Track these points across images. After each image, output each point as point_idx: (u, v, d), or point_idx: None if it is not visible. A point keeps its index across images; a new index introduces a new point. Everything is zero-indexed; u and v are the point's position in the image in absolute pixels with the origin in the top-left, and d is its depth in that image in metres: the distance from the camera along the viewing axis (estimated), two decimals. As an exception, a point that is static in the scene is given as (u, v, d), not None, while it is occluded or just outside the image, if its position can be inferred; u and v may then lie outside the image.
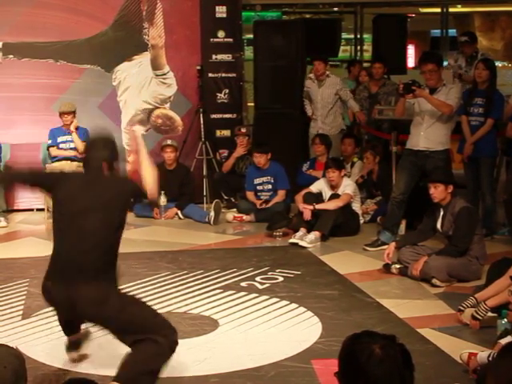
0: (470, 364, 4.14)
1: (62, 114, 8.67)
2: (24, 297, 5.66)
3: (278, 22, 11.74)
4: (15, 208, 8.83)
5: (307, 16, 13.81)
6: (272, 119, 9.56)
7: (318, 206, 7.55)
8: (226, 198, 9.04)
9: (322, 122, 9.13)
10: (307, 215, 7.52)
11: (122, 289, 3.95)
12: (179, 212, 8.57)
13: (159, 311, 5.33)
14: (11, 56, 8.98)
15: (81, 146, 8.34)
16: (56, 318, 4.42)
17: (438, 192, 6.09)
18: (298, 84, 9.40)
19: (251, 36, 10.36)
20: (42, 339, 4.82)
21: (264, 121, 9.65)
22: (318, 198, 7.74)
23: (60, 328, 4.39)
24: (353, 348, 2.25)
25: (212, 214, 8.24)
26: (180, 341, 4.77)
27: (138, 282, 6.03)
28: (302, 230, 7.43)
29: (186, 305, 5.53)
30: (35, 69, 8.99)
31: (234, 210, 8.67)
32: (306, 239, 7.29)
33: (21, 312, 5.35)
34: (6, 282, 6.08)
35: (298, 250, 7.18)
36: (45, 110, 9.03)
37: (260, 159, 8.45)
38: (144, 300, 5.59)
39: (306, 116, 9.42)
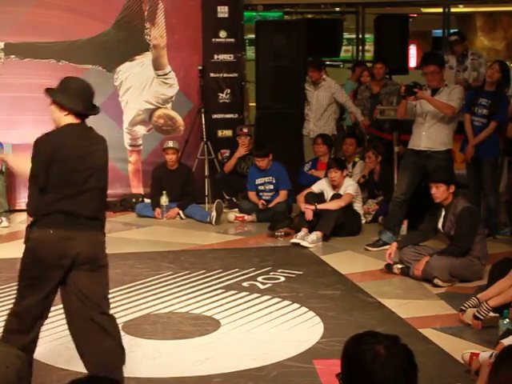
0: (472, 364, 4.15)
1: (63, 114, 8.66)
2: (26, 297, 5.66)
3: (280, 22, 11.76)
4: (17, 208, 8.81)
5: (309, 16, 13.81)
6: (273, 119, 9.56)
7: (320, 206, 7.54)
8: (227, 198, 9.03)
9: (314, 125, 9.12)
10: (309, 215, 7.51)
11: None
12: (181, 212, 8.56)
13: (161, 311, 5.40)
14: (13, 56, 8.98)
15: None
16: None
17: (439, 192, 6.08)
18: (299, 84, 9.39)
19: (253, 36, 10.35)
20: (43, 339, 4.77)
21: (265, 121, 9.65)
22: (319, 198, 7.74)
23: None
24: (357, 349, 2.25)
25: (214, 214, 8.24)
26: (182, 341, 4.82)
27: (140, 282, 6.03)
28: (304, 230, 7.43)
29: (188, 305, 5.53)
30: (37, 69, 8.98)
31: (236, 210, 8.66)
32: (308, 239, 7.28)
33: (23, 312, 5.34)
34: (8, 282, 6.07)
35: (300, 250, 7.18)
36: (47, 110, 8.90)
37: (262, 163, 8.45)
38: (143, 300, 5.64)
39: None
